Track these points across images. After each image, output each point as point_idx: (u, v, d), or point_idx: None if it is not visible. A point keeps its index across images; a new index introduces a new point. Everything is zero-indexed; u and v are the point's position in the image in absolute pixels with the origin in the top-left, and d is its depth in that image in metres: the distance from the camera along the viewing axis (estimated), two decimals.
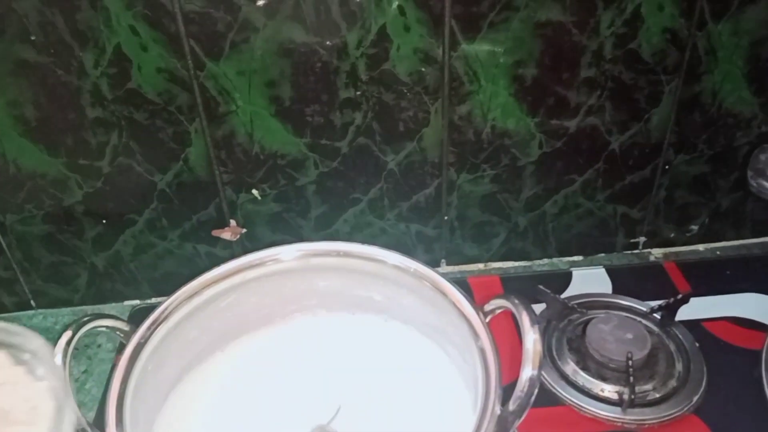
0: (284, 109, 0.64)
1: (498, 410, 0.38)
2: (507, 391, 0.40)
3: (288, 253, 0.51)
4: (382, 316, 0.54)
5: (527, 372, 0.39)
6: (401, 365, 0.51)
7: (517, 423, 0.39)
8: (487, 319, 0.44)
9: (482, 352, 0.42)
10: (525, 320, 0.40)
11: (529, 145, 0.69)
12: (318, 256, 0.51)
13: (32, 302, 0.76)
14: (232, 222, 0.72)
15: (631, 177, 0.73)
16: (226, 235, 0.73)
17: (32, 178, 0.66)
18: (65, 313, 0.76)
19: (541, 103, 0.66)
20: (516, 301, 0.42)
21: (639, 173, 0.73)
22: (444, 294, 0.47)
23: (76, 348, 0.42)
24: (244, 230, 0.73)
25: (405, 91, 0.64)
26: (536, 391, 0.39)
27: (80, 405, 0.64)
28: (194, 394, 0.48)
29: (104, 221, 0.70)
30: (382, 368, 0.50)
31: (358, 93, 0.64)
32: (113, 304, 0.77)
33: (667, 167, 0.73)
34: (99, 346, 0.71)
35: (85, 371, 0.68)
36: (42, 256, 0.72)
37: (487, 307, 0.45)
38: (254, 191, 0.70)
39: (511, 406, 0.39)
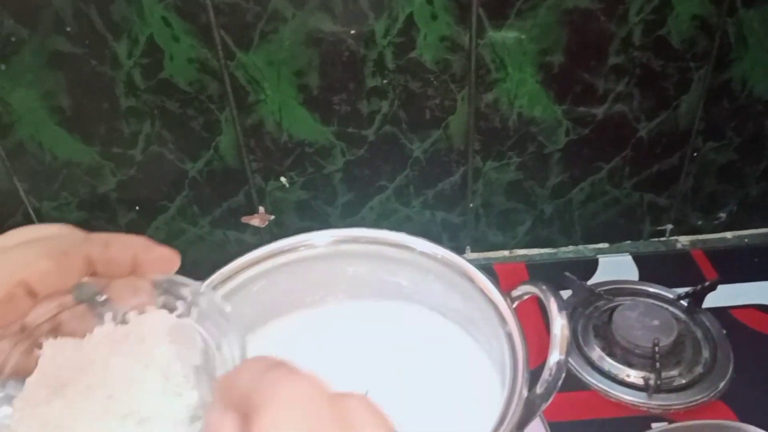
0: (312, 98, 0.65)
1: (525, 393, 0.39)
2: (534, 376, 0.41)
3: (319, 239, 0.52)
4: (409, 302, 0.55)
5: (555, 357, 0.40)
6: (429, 349, 0.51)
7: (544, 406, 0.40)
8: (514, 305, 0.45)
9: (509, 337, 0.42)
10: (553, 306, 0.41)
11: (556, 133, 0.69)
12: (348, 242, 0.52)
13: None
14: (261, 209, 0.74)
15: (659, 165, 0.73)
16: (255, 221, 0.74)
17: (67, 166, 0.68)
18: None
19: (568, 91, 0.66)
20: (543, 287, 0.42)
21: (667, 161, 0.73)
22: (471, 280, 0.48)
23: None
24: (273, 217, 0.74)
25: (431, 79, 0.64)
26: (563, 375, 0.40)
27: None
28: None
29: (137, 208, 0.72)
30: (409, 353, 0.51)
31: (385, 81, 0.64)
32: None
33: (695, 155, 0.73)
34: None
35: None
36: None
37: (514, 293, 0.46)
38: (282, 179, 0.71)
39: (539, 389, 0.39)
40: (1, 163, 0.67)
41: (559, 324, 0.40)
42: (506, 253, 0.80)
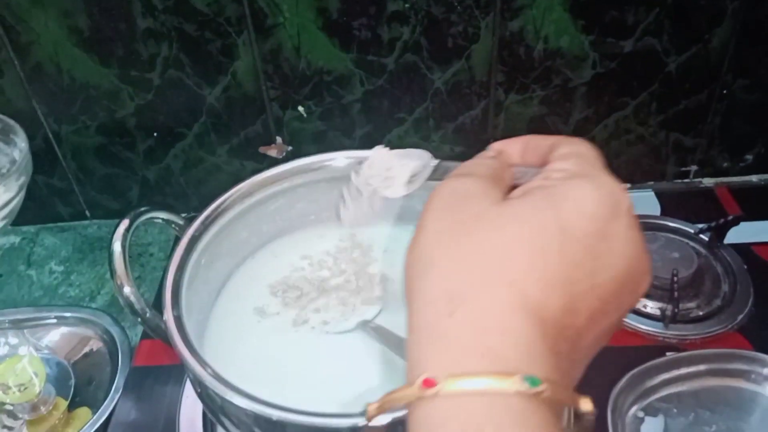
0: (331, 23, 0.64)
1: None
2: None
3: (338, 160, 0.51)
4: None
5: None
6: None
7: None
8: None
9: None
10: None
11: (582, 65, 0.67)
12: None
13: (87, 213, 0.79)
14: (279, 139, 0.73)
15: (687, 102, 0.71)
16: (273, 152, 0.74)
17: (86, 89, 0.68)
18: None
19: (597, 21, 0.64)
20: None
21: (695, 98, 0.71)
22: None
23: (129, 256, 0.43)
24: (290, 148, 0.74)
25: (455, 4, 0.62)
26: None
27: None
28: (243, 292, 0.49)
29: (155, 134, 0.72)
30: None
31: (407, 6, 0.62)
32: None
33: (724, 92, 0.70)
34: (151, 255, 0.74)
35: (138, 277, 0.71)
36: (96, 168, 0.75)
37: None
38: (300, 108, 0.70)
39: None
40: (20, 85, 0.67)
41: None
42: None
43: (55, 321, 0.66)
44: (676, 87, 0.69)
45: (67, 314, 0.66)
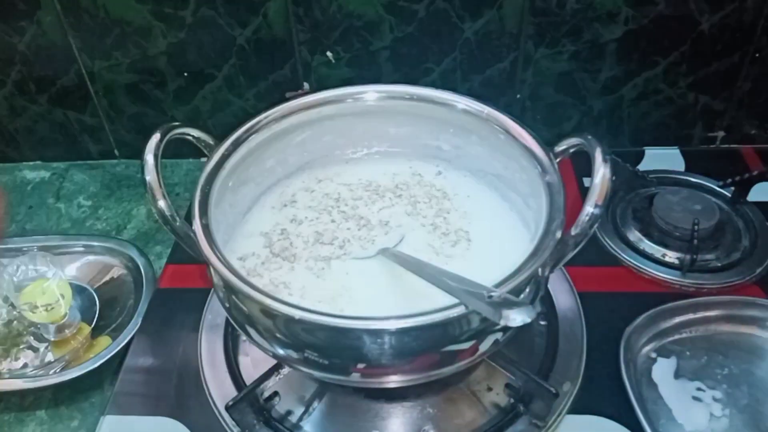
0: None
1: (559, 234, 0.39)
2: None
3: (368, 94, 0.52)
4: (446, 165, 0.55)
5: (592, 202, 0.40)
6: (463, 211, 0.52)
7: (576, 250, 0.40)
8: (557, 160, 0.45)
9: (549, 186, 0.43)
10: (597, 155, 0.41)
11: (615, 20, 0.67)
12: (394, 98, 0.52)
13: (116, 151, 0.81)
14: (306, 85, 0.74)
15: (718, 64, 0.70)
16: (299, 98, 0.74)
17: (119, 24, 0.69)
18: None
19: None
20: (589, 137, 0.42)
21: (726, 60, 0.70)
22: (514, 137, 0.48)
23: None
24: None
25: None
26: (597, 223, 0.40)
27: None
28: (268, 219, 0.50)
29: (185, 74, 0.73)
30: (446, 211, 0.51)
31: None
32: (191, 160, 0.80)
33: (757, 55, 0.69)
34: (177, 194, 0.76)
35: None
36: (126, 106, 0.76)
37: (558, 148, 0.46)
38: (329, 53, 0.71)
39: (573, 231, 0.40)
40: (56, 17, 0.69)
41: (601, 173, 0.40)
42: None
43: (82, 249, 0.68)
44: (707, 47, 0.69)
45: (95, 243, 0.68)
